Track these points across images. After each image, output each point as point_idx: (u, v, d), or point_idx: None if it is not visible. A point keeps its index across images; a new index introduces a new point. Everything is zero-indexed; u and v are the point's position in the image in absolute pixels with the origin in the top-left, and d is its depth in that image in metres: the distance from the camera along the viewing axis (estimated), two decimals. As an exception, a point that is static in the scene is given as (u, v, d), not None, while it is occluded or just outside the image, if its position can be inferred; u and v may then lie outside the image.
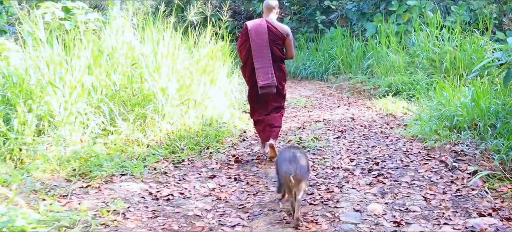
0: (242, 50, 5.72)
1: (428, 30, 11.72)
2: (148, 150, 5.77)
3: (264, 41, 5.52)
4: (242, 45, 5.69)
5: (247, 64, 5.70)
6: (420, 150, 6.00)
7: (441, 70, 10.71)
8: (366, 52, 13.15)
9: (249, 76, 5.73)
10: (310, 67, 14.34)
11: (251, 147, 6.32)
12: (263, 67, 5.51)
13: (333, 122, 8.03)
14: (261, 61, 5.51)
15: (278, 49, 5.63)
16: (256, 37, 5.53)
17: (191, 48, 8.05)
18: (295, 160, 3.88)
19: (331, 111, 9.14)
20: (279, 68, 5.68)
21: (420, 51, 11.51)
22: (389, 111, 8.78)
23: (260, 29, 5.56)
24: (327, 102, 10.25)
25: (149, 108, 6.30)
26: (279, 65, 5.68)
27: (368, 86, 11.37)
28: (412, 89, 10.15)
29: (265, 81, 5.50)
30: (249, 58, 5.61)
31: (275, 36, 5.59)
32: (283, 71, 5.77)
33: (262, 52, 5.51)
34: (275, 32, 5.60)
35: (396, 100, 9.52)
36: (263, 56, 5.51)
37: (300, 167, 3.84)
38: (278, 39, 5.62)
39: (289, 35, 5.67)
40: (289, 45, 5.69)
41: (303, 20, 17.03)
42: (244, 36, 5.67)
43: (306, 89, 12.66)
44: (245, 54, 5.65)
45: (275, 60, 5.60)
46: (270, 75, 5.51)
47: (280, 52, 5.67)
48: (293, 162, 3.86)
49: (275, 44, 5.60)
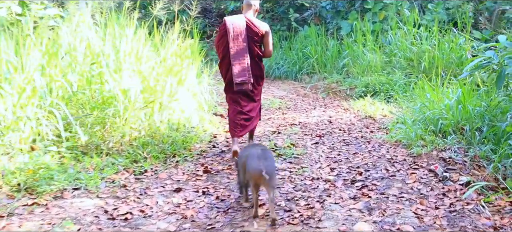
0: (219, 46, 5.62)
1: (405, 28, 11.32)
2: (107, 159, 5.15)
3: (242, 38, 5.46)
4: (220, 40, 5.60)
5: (224, 60, 5.61)
6: (406, 157, 5.51)
7: (419, 69, 10.33)
8: (341, 51, 12.69)
9: (226, 73, 5.64)
10: (284, 67, 13.80)
11: (222, 155, 5.73)
12: (240, 64, 5.46)
13: (309, 125, 7.50)
14: (238, 58, 5.45)
15: (256, 46, 5.57)
16: (234, 33, 5.45)
17: (157, 47, 7.42)
18: (264, 157, 3.81)
19: (307, 113, 8.62)
20: (257, 66, 5.64)
21: (397, 50, 11.11)
22: (368, 113, 8.30)
23: (238, 25, 5.48)
24: (302, 104, 9.73)
25: (110, 112, 5.67)
26: (257, 63, 5.63)
27: (344, 86, 10.90)
28: (390, 90, 9.72)
29: (241, 78, 5.46)
30: (226, 54, 5.53)
31: (253, 33, 5.51)
32: (261, 68, 5.71)
33: (240, 49, 5.45)
34: (253, 29, 5.51)
35: (374, 101, 9.05)
36: (240, 53, 5.45)
37: (270, 164, 3.77)
38: (256, 36, 5.54)
39: (268, 32, 5.60)
40: (268, 43, 5.62)
41: (276, 18, 16.50)
42: (222, 31, 5.57)
43: (280, 89, 12.12)
44: (223, 50, 5.57)
45: (253, 57, 5.54)
46: (246, 72, 5.47)
47: (258, 49, 5.61)
48: (263, 159, 3.77)
49: (253, 41, 5.54)
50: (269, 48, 5.69)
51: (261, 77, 5.80)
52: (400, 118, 6.91)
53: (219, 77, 13.72)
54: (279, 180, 4.82)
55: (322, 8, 14.68)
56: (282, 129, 7.19)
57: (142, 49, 6.66)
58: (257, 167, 3.69)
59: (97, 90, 5.94)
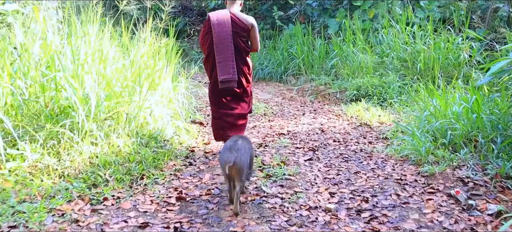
0: (204, 43, 5.36)
1: (398, 27, 10.48)
2: (61, 184, 4.18)
3: (227, 33, 5.19)
4: (204, 37, 5.33)
5: (209, 57, 5.34)
6: (416, 177, 4.63)
7: (414, 71, 9.51)
8: (329, 51, 11.81)
9: (211, 70, 5.37)
10: (268, 67, 12.87)
11: (200, 175, 4.78)
12: (224, 60, 5.19)
13: (300, 135, 6.59)
14: (222, 54, 5.19)
15: (242, 41, 5.31)
16: (218, 28, 5.18)
17: (127, 46, 6.44)
18: (235, 149, 3.75)
19: (296, 120, 7.71)
20: (244, 61, 5.38)
21: (389, 51, 10.27)
22: (363, 120, 7.43)
23: (223, 20, 5.21)
24: (290, 108, 8.82)
25: (66, 124, 4.71)
26: (244, 59, 5.37)
27: (333, 89, 10.02)
28: (383, 93, 8.88)
29: (225, 76, 5.19)
30: (211, 51, 5.26)
31: (239, 28, 5.26)
32: (247, 64, 5.43)
33: (224, 45, 5.18)
34: (239, 23, 5.26)
35: (369, 106, 8.19)
36: (225, 49, 5.19)
37: (240, 156, 3.68)
38: (242, 31, 5.28)
39: (254, 26, 5.33)
40: (254, 37, 5.39)
41: (259, 16, 15.57)
42: (206, 27, 5.31)
43: (264, 92, 11.20)
44: (208, 47, 5.29)
45: (239, 53, 5.29)
46: (231, 69, 5.20)
47: (244, 45, 5.35)
48: (234, 151, 3.72)
49: (239, 36, 5.28)
50: (256, 43, 5.43)
51: (249, 74, 5.49)
52: (403, 127, 6.02)
53: (198, 80, 12.80)
54: (269, 210, 3.90)
55: (308, 5, 13.80)
56: (269, 140, 6.26)
57: (108, 50, 5.68)
58: (226, 159, 3.65)
59: (54, 98, 4.98)
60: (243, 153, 3.76)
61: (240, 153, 3.72)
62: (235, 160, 3.63)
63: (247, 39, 5.41)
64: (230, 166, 3.62)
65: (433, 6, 11.58)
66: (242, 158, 3.70)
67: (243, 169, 3.71)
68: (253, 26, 5.33)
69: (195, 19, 18.66)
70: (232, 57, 5.21)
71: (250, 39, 5.42)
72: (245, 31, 5.32)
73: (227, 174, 3.73)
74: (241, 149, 3.78)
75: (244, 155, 3.76)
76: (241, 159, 3.68)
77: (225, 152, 3.77)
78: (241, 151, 3.75)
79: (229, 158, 3.65)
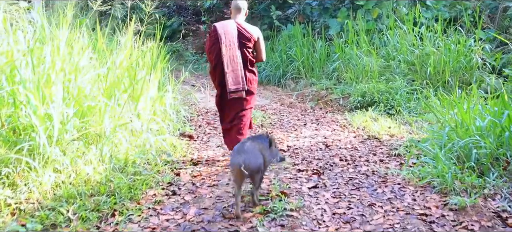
0: (211, 53, 5.22)
1: (404, 27, 9.66)
2: (12, 225, 3.36)
3: (235, 44, 5.11)
4: (211, 48, 5.20)
5: (216, 68, 5.20)
6: (443, 211, 3.79)
7: (423, 75, 8.70)
8: (331, 53, 10.98)
9: (219, 81, 5.23)
10: (266, 70, 12.03)
11: (184, 210, 3.93)
12: (233, 71, 5.11)
13: (301, 151, 5.76)
14: (231, 65, 5.10)
15: (248, 52, 5.22)
16: (226, 40, 5.09)
17: (104, 53, 5.60)
18: (244, 150, 3.65)
19: (297, 132, 6.87)
20: (251, 72, 5.28)
21: (396, 53, 9.45)
22: (371, 132, 6.61)
23: (229, 31, 5.13)
24: (289, 117, 7.98)
25: (25, 148, 3.88)
26: (250, 69, 5.28)
27: (336, 94, 9.19)
28: (390, 100, 8.05)
29: (235, 86, 5.11)
30: (218, 62, 5.14)
31: (245, 39, 5.16)
32: (254, 74, 5.35)
33: (233, 56, 5.10)
34: (245, 34, 5.16)
35: (377, 116, 7.37)
36: (233, 60, 5.10)
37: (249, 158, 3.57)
38: (248, 42, 5.19)
39: (259, 37, 5.27)
40: (260, 49, 5.32)
41: (256, 16, 14.73)
42: (212, 38, 5.19)
43: (262, 96, 10.37)
44: (215, 57, 5.16)
45: (245, 63, 5.19)
46: (240, 79, 5.12)
47: (251, 55, 5.26)
48: (242, 153, 3.62)
49: (246, 47, 5.18)
50: (261, 54, 5.36)
51: (255, 84, 5.39)
52: (423, 147, 5.19)
53: (192, 83, 11.96)
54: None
55: (307, 4, 12.97)
56: (266, 158, 5.43)
57: (79, 57, 4.84)
58: (236, 161, 3.52)
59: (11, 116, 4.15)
60: (253, 154, 3.65)
61: (249, 155, 3.60)
62: (244, 163, 3.48)
63: (253, 50, 5.30)
64: (239, 169, 3.46)
65: (441, 5, 10.75)
66: (251, 160, 3.58)
67: (254, 170, 3.61)
68: (259, 38, 5.25)
69: (190, 18, 17.82)
70: (241, 67, 5.12)
71: (256, 50, 5.33)
72: (251, 42, 5.20)
73: (237, 179, 3.58)
74: (250, 150, 3.66)
75: (254, 156, 3.64)
76: (250, 161, 3.56)
77: (234, 155, 3.68)
78: (250, 152, 3.63)
79: (237, 160, 3.52)
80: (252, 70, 5.30)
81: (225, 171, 4.92)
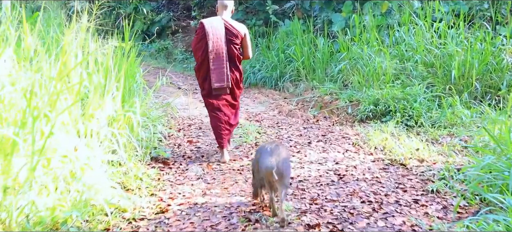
0: (197, 50, 5.11)
1: (421, 23, 8.14)
2: None
3: (221, 41, 5.03)
4: (198, 44, 5.09)
5: (203, 65, 5.11)
6: None
7: (445, 79, 7.21)
8: (334, 52, 9.44)
9: (204, 78, 5.15)
10: (261, 71, 10.44)
11: None
12: (219, 68, 5.05)
13: (308, 187, 4.23)
14: (217, 62, 5.04)
15: (235, 49, 5.14)
16: (213, 36, 5.00)
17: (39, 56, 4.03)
18: (276, 153, 3.43)
19: (300, 153, 5.33)
20: (237, 68, 5.21)
21: (412, 53, 7.93)
22: (392, 154, 5.10)
23: (217, 28, 5.04)
24: (289, 131, 6.44)
25: None
26: (236, 66, 5.20)
27: (342, 100, 7.66)
28: (408, 108, 6.55)
29: (219, 83, 5.07)
30: (205, 58, 5.06)
31: (232, 35, 5.09)
32: (240, 71, 5.28)
33: (219, 53, 5.03)
34: (232, 31, 5.08)
35: (397, 131, 5.87)
36: (219, 57, 5.04)
37: (282, 161, 3.41)
38: (235, 39, 5.10)
39: (246, 34, 5.20)
40: (247, 46, 5.24)
41: (251, 11, 13.17)
42: (200, 34, 5.08)
43: (256, 102, 8.84)
44: (201, 54, 5.07)
45: (231, 60, 5.13)
46: (224, 76, 5.07)
47: (237, 52, 5.17)
48: (275, 155, 3.40)
49: (233, 44, 5.10)
50: (248, 51, 5.30)
51: (241, 81, 5.36)
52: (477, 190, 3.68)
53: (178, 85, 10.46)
54: None
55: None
56: (261, 204, 3.89)
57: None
58: (269, 165, 3.32)
59: None
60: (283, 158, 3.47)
61: (280, 159, 3.42)
62: (278, 165, 3.34)
63: (239, 46, 5.21)
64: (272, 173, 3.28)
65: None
66: (282, 164, 3.41)
67: (285, 174, 3.43)
68: (246, 34, 5.20)
69: (180, 14, 16.22)
70: (226, 64, 5.07)
71: (243, 47, 5.25)
72: (238, 39, 5.13)
73: (268, 181, 3.42)
74: (280, 153, 3.47)
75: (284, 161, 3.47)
76: (281, 165, 3.39)
77: (265, 158, 3.41)
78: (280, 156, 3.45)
79: (271, 164, 3.32)
80: (238, 67, 5.21)
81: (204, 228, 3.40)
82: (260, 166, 3.45)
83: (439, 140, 5.70)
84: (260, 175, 3.50)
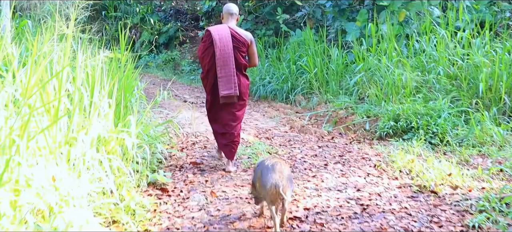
0: (204, 57, 4.99)
1: (442, 32, 7.52)
2: None
3: (229, 48, 4.89)
4: (205, 52, 4.98)
5: (209, 72, 4.98)
6: None
7: (472, 93, 6.58)
8: (349, 63, 8.83)
9: (211, 86, 5.01)
10: (271, 84, 9.85)
11: None
12: (226, 76, 4.90)
13: (327, 221, 3.60)
14: (224, 69, 4.90)
15: (242, 56, 5.03)
16: (220, 44, 4.87)
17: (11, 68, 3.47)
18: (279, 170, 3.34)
19: (315, 178, 4.69)
20: (244, 76, 5.10)
21: (434, 64, 7.30)
22: (420, 179, 4.47)
23: (224, 35, 4.91)
24: (303, 151, 5.81)
25: None
26: (243, 74, 5.08)
27: (359, 115, 7.05)
28: (431, 125, 5.94)
29: (227, 91, 4.91)
30: (212, 67, 4.94)
31: (239, 43, 4.97)
32: (247, 79, 5.16)
33: (226, 60, 4.89)
34: (239, 38, 4.97)
35: (428, 154, 5.25)
36: (227, 64, 4.90)
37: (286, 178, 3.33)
38: (242, 46, 4.99)
39: (252, 41, 5.09)
40: (253, 53, 5.14)
41: (261, 21, 12.63)
42: (207, 42, 4.97)
43: (266, 116, 8.25)
44: (208, 62, 4.95)
45: (239, 68, 5.00)
46: (233, 84, 4.91)
47: (243, 60, 5.07)
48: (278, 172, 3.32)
49: (239, 51, 4.99)
50: (254, 58, 5.18)
51: (247, 89, 5.16)
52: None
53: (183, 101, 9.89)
54: None
55: (318, 7, 10.84)
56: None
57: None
58: (276, 183, 3.24)
59: None
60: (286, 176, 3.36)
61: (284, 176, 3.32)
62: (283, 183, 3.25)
63: (246, 54, 5.12)
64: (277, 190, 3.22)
65: (482, 5, 8.59)
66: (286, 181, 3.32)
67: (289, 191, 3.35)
68: (252, 41, 5.10)
69: (189, 24, 15.70)
70: (234, 72, 4.92)
71: (249, 54, 5.15)
72: (245, 46, 5.03)
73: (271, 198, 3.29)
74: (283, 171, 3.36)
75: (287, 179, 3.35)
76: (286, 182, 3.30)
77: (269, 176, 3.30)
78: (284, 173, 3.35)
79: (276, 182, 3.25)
80: (245, 74, 5.12)
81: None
82: (263, 183, 3.34)
83: (470, 161, 5.08)
84: (263, 192, 3.38)
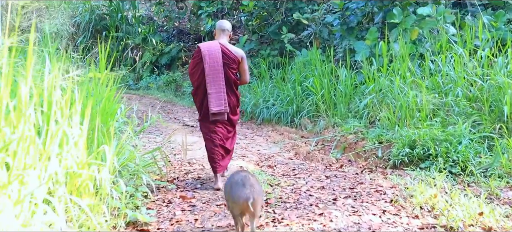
0: (194, 74, 4.99)
1: (460, 50, 6.88)
2: None
3: (218, 65, 4.89)
4: (195, 68, 4.97)
5: (199, 88, 4.97)
6: None
7: (494, 116, 5.93)
8: (358, 84, 8.20)
9: (201, 102, 4.98)
10: (275, 106, 9.20)
11: None
12: (217, 92, 4.89)
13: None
14: (214, 86, 4.87)
15: (232, 73, 4.99)
16: (210, 60, 4.87)
17: None
18: (249, 184, 3.33)
19: (324, 217, 3.97)
20: (234, 93, 5.06)
21: (452, 85, 6.66)
22: (445, 219, 3.80)
23: (214, 51, 4.90)
24: (309, 182, 5.12)
25: None
26: (233, 90, 5.05)
27: (370, 141, 6.39)
28: (451, 152, 5.28)
29: (217, 108, 4.88)
30: (202, 82, 4.92)
31: (229, 60, 4.94)
32: (237, 96, 5.13)
33: (216, 76, 4.87)
34: (229, 55, 4.94)
35: (453, 188, 4.58)
36: (217, 81, 4.88)
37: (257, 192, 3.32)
38: (232, 63, 4.97)
39: (243, 58, 5.05)
40: (244, 70, 5.09)
41: (265, 41, 12.07)
42: (196, 58, 4.96)
43: (269, 141, 7.60)
44: (198, 78, 4.95)
45: (229, 84, 4.96)
46: (222, 101, 4.89)
47: (234, 76, 5.03)
48: (249, 186, 3.31)
49: (230, 68, 4.96)
50: (245, 75, 5.13)
51: (237, 106, 5.15)
52: None
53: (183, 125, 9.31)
54: None
55: (325, 26, 10.25)
56: None
57: None
58: (243, 195, 3.25)
59: None
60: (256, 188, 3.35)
61: (255, 189, 3.32)
62: (254, 196, 3.24)
63: (236, 71, 5.04)
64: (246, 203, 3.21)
65: (501, 22, 7.96)
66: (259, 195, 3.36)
67: (258, 204, 3.34)
68: (243, 58, 5.02)
69: (191, 44, 15.17)
70: (223, 88, 4.88)
71: (240, 71, 5.07)
72: (235, 63, 4.97)
73: (240, 213, 3.35)
74: (253, 184, 3.35)
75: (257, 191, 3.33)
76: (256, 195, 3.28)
77: (238, 188, 3.30)
78: (254, 186, 3.33)
79: (245, 195, 3.23)
80: (235, 91, 5.06)
81: None
82: (234, 198, 3.31)
83: (499, 195, 4.40)
84: (235, 206, 3.35)
